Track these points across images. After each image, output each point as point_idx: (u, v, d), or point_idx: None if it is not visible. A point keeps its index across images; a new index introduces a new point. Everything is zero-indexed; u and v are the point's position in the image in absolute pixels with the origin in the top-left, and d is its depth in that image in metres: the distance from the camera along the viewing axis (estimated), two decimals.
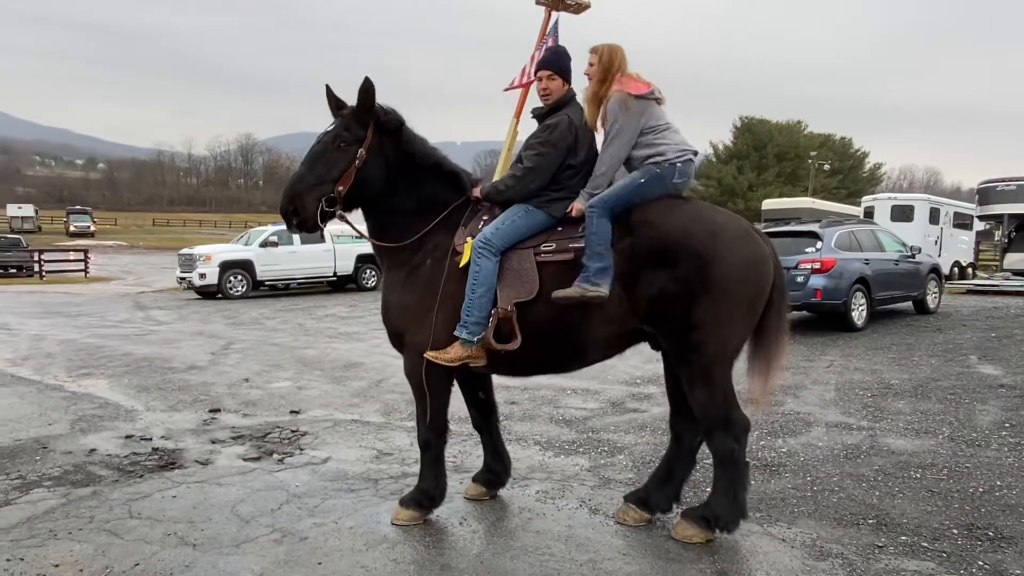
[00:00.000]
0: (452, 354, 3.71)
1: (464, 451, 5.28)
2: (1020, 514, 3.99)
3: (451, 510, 4.13)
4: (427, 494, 3.96)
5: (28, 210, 64.13)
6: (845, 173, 65.13)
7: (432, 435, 3.95)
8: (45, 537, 3.77)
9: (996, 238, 24.00)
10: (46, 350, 10.22)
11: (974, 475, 4.63)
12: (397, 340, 4.05)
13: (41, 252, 31.62)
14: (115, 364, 9.02)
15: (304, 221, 3.81)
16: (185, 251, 20.16)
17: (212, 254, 18.83)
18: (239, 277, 18.76)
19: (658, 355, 3.97)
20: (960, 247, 22.81)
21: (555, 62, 3.94)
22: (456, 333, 3.70)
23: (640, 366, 8.45)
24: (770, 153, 62.49)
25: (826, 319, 11.41)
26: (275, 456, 5.19)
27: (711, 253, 3.47)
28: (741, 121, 66.38)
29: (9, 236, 38.73)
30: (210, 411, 6.53)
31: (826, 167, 61.45)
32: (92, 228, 61.07)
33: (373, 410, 6.60)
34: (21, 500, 4.31)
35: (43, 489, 4.50)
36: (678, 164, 3.75)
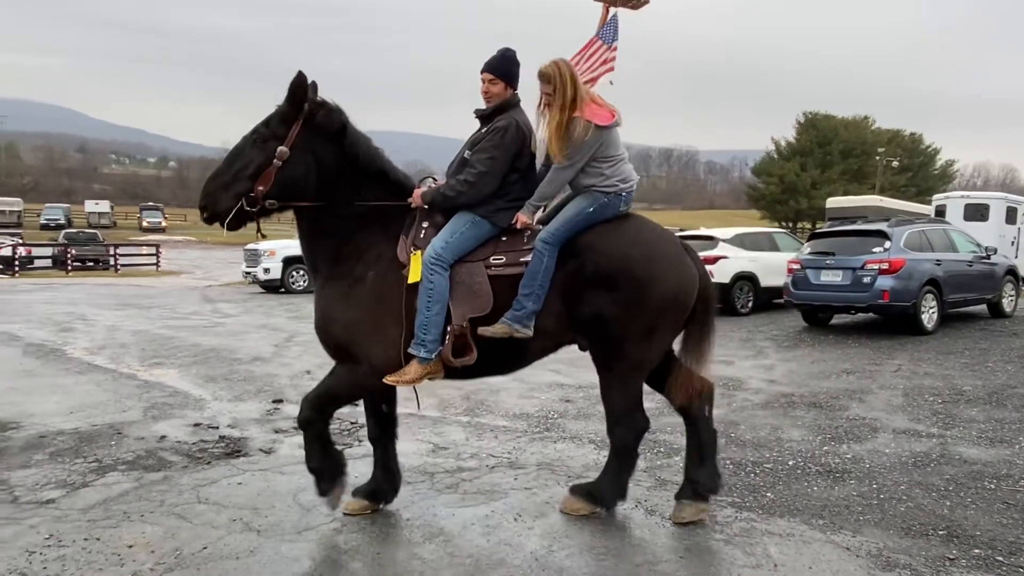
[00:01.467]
0: (412, 374, 3.60)
1: (518, 447, 5.29)
2: None
3: (507, 506, 4.14)
4: (318, 471, 3.82)
5: (104, 206, 67.20)
6: (915, 170, 62.66)
7: (315, 416, 3.80)
8: (119, 519, 3.92)
9: None
10: (120, 340, 10.65)
11: None
12: (342, 353, 3.81)
13: (116, 246, 33.07)
14: (184, 354, 9.34)
15: (214, 216, 3.69)
16: (250, 247, 20.69)
17: (276, 249, 19.24)
18: (302, 272, 19.17)
19: (716, 355, 3.97)
20: None
21: (500, 66, 3.83)
22: (412, 351, 3.59)
23: None
24: (835, 149, 60.52)
25: (894, 322, 11.00)
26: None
27: (648, 277, 3.67)
28: (804, 117, 64.50)
29: (87, 231, 40.66)
30: (273, 401, 6.69)
31: (895, 164, 59.11)
32: (163, 224, 63.52)
33: (429, 404, 6.65)
34: (97, 483, 4.50)
35: (118, 473, 4.69)
36: (623, 195, 3.84)
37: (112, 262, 31.32)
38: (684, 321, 3.91)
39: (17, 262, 28.03)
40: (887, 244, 10.74)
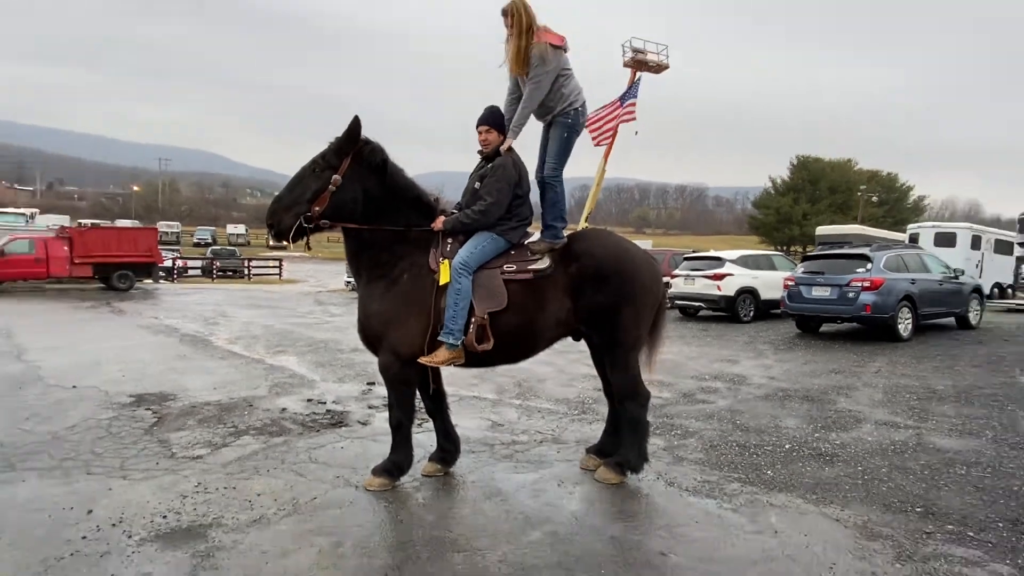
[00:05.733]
0: (441, 357, 3.59)
1: (560, 426, 5.24)
2: None
3: (551, 474, 4.09)
4: (398, 464, 3.83)
5: (241, 229, 69.53)
6: (891, 204, 59.92)
7: (404, 417, 3.80)
8: (251, 473, 4.02)
9: None
10: (252, 333, 10.97)
11: (1018, 475, 4.12)
12: (375, 342, 3.75)
13: (249, 260, 34.13)
14: (301, 345, 9.55)
15: (279, 233, 3.60)
16: None
17: None
18: None
19: (723, 355, 3.83)
20: (1001, 270, 20.43)
21: (491, 119, 3.83)
22: (442, 339, 3.58)
23: (708, 365, 8.10)
24: (823, 187, 58.56)
25: (875, 331, 10.54)
26: (415, 422, 5.31)
27: (631, 274, 3.79)
28: (797, 159, 62.61)
29: (228, 248, 42.21)
30: (368, 384, 6.78)
31: (874, 199, 56.82)
32: (285, 243, 65.28)
33: (488, 389, 6.65)
34: (234, 444, 4.62)
35: (249, 436, 4.81)
36: (579, 108, 3.91)
37: (246, 272, 32.36)
38: (655, 311, 3.98)
39: (176, 271, 29.25)
40: (869, 265, 10.31)
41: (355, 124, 3.59)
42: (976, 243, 19.39)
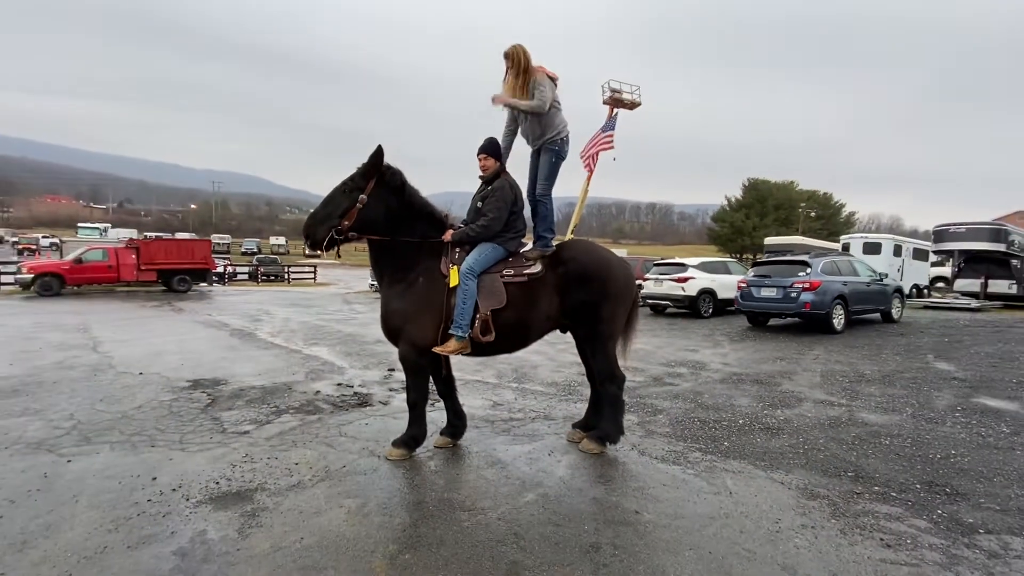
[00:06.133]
0: (452, 347, 3.58)
1: (551, 405, 5.23)
2: (971, 476, 3.53)
3: (543, 445, 4.08)
4: (414, 438, 3.82)
5: (282, 240, 69.40)
6: (827, 218, 60.21)
7: (419, 398, 3.78)
8: (289, 445, 4.00)
9: (948, 267, 21.32)
10: (291, 327, 10.89)
11: (933, 445, 4.13)
12: (394, 335, 3.72)
13: (289, 267, 33.94)
14: (332, 338, 9.50)
15: (314, 244, 3.57)
16: None
17: None
18: None
19: (687, 345, 3.84)
20: (918, 273, 20.52)
21: (490, 148, 3.81)
22: (452, 331, 3.58)
23: (674, 354, 8.11)
24: (769, 204, 58.75)
25: (813, 324, 10.57)
26: (429, 402, 5.28)
27: (610, 276, 3.78)
28: (748, 181, 62.81)
29: (271, 256, 42.02)
30: (388, 370, 6.75)
31: (812, 214, 57.08)
32: (319, 252, 65.06)
33: (490, 375, 6.64)
34: (275, 421, 4.60)
35: (288, 415, 4.78)
36: (565, 137, 3.88)
37: (286, 276, 32.21)
38: (630, 307, 3.94)
39: (227, 276, 29.15)
40: (808, 270, 10.34)
41: (379, 152, 3.58)
42: (898, 251, 19.47)
